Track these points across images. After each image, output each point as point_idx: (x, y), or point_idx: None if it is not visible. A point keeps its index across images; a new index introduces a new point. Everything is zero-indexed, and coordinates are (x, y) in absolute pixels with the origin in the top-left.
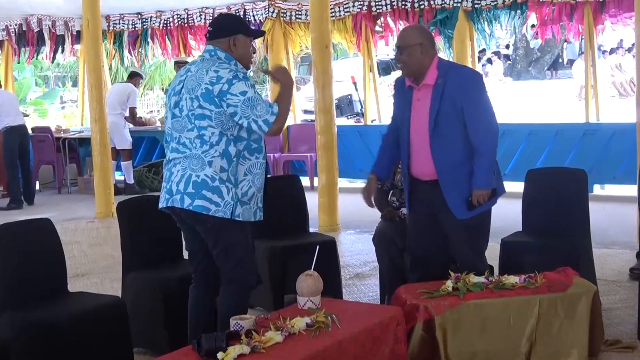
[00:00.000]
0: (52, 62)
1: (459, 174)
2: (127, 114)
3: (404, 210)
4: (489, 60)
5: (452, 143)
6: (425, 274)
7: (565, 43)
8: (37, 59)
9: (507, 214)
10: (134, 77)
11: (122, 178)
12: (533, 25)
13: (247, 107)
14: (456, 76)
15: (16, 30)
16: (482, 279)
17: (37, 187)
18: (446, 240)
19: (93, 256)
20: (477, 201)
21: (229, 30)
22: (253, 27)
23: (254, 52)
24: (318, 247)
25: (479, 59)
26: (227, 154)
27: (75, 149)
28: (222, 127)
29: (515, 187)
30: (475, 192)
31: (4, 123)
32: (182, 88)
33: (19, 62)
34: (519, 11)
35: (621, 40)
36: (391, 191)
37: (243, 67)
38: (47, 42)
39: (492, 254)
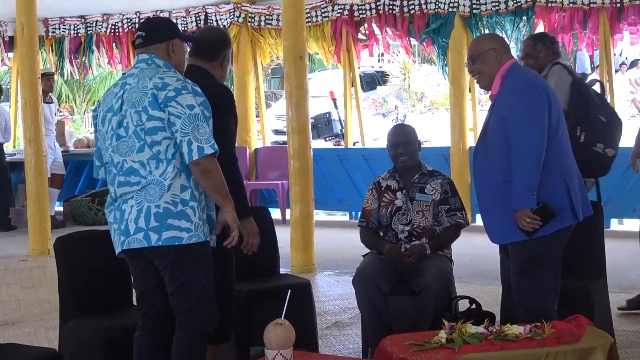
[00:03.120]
0: None
1: (497, 194)
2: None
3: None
4: None
5: (495, 160)
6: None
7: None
8: None
9: None
10: None
11: (61, 209)
12: None
13: (190, 124)
14: (506, 85)
15: None
16: (480, 328)
17: None
18: None
19: (26, 301)
20: (522, 224)
21: (166, 35)
22: None
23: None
24: (290, 291)
25: None
26: (184, 166)
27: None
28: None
29: None
30: (516, 213)
31: None
32: (121, 104)
33: None
34: (524, 18)
35: None
36: (378, 229)
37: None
38: None
39: (493, 299)
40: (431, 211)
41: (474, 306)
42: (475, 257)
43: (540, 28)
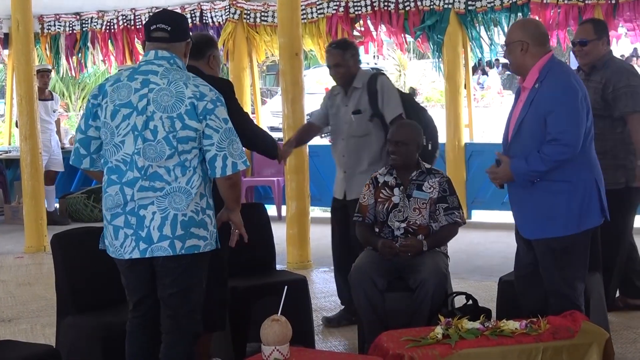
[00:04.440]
0: None
1: (530, 190)
2: None
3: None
4: (483, 71)
5: (526, 153)
6: (530, 300)
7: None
8: None
9: (506, 249)
10: None
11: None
12: None
13: (226, 139)
14: (550, 83)
15: None
16: (477, 324)
17: None
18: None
19: (22, 298)
20: (491, 174)
21: (187, 33)
22: (211, 31)
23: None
24: (286, 287)
25: (474, 69)
26: (204, 174)
27: (2, 172)
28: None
29: None
30: (505, 165)
31: None
32: (147, 104)
33: None
34: (520, 14)
35: (635, 49)
36: (374, 224)
37: None
38: None
39: (489, 295)
40: (428, 209)
41: (470, 302)
42: (471, 253)
43: None
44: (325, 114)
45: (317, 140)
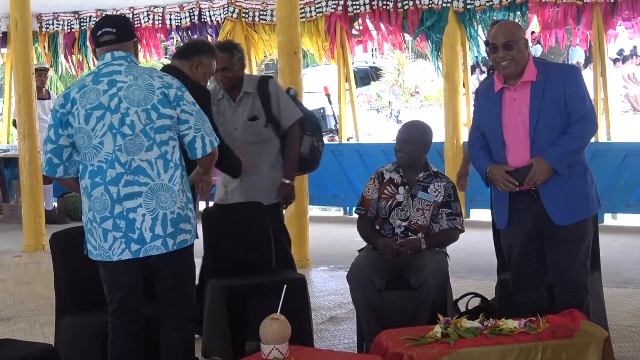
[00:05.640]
0: None
1: (561, 179)
2: None
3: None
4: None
5: (553, 143)
6: (533, 294)
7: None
8: None
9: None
10: None
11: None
12: (532, 32)
13: (200, 119)
14: (558, 71)
15: None
16: (475, 323)
17: None
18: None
19: (20, 297)
20: (533, 178)
21: (133, 33)
22: (209, 30)
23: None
24: (285, 286)
25: (473, 68)
26: (183, 169)
27: (0, 171)
28: (178, 136)
29: None
30: (540, 163)
31: None
32: (119, 102)
33: None
34: (518, 13)
35: (635, 47)
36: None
37: None
38: None
39: (488, 294)
40: (431, 211)
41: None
42: (469, 252)
43: (534, 23)
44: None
45: None
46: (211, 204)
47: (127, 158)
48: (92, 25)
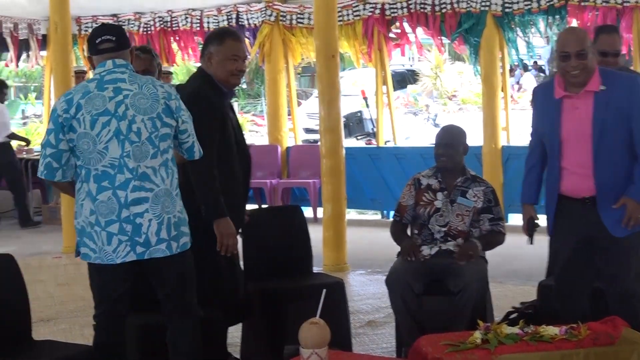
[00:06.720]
0: (18, 68)
1: (620, 190)
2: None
3: (426, 249)
4: (512, 71)
5: (617, 155)
6: (575, 301)
7: None
8: None
9: (544, 253)
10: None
11: None
12: None
13: (191, 123)
14: (621, 82)
15: None
16: (516, 329)
17: None
18: (594, 266)
19: (60, 298)
20: (632, 217)
21: (129, 42)
22: (247, 33)
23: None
24: (325, 290)
25: (511, 72)
26: (177, 174)
27: None
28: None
29: None
30: (631, 204)
31: None
32: (126, 109)
33: None
34: (557, 16)
35: None
36: (409, 225)
37: None
38: (10, 46)
39: (527, 299)
40: (470, 217)
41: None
42: (507, 256)
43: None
44: None
45: (353, 142)
46: None
47: (135, 164)
48: (130, 28)
